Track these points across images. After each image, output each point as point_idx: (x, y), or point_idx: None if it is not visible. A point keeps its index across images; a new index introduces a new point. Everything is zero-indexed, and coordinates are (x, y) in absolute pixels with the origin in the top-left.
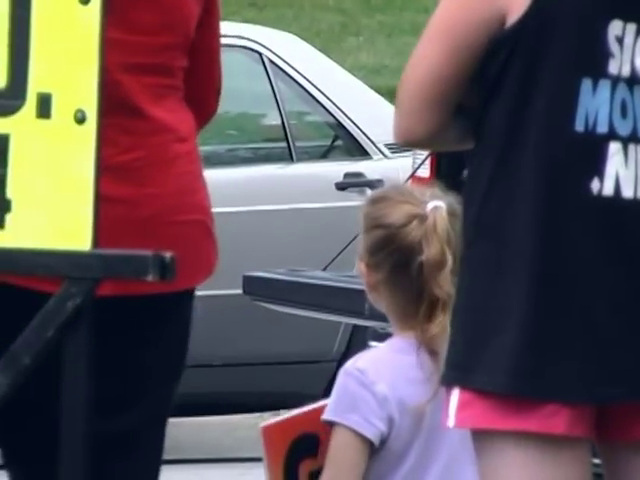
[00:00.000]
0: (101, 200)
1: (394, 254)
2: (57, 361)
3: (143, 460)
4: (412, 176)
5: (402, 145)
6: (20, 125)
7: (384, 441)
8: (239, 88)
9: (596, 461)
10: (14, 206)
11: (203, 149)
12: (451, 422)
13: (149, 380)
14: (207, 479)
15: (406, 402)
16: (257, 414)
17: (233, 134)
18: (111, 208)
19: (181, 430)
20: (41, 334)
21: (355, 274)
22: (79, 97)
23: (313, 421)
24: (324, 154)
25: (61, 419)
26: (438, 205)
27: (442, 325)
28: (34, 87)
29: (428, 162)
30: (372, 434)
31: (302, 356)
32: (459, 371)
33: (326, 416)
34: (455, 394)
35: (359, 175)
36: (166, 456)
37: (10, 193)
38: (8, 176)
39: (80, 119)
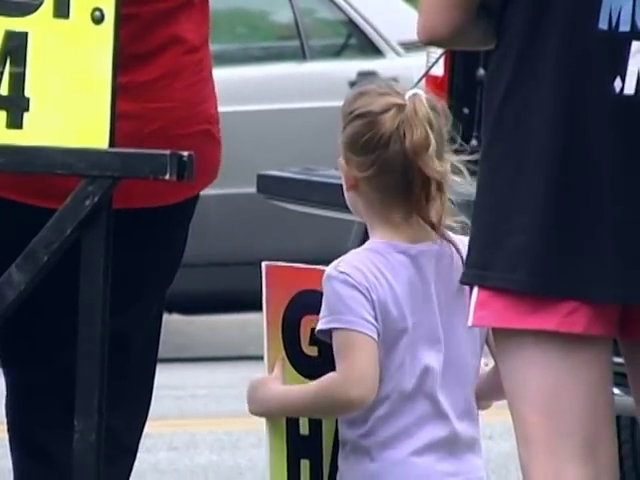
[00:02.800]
0: None
1: (373, 142)
2: (63, 263)
3: (136, 360)
4: (426, 74)
5: (425, 43)
6: (38, 24)
7: (381, 339)
8: None
9: (617, 360)
10: (32, 105)
11: (215, 47)
12: (470, 320)
13: (147, 283)
14: (217, 376)
15: (390, 302)
16: None
17: (245, 32)
18: (120, 124)
19: (194, 328)
20: (59, 232)
21: None
22: None
23: (319, 279)
24: (337, 52)
25: (78, 316)
26: (416, 92)
27: (439, 213)
28: None
29: (442, 60)
30: (370, 331)
31: (316, 254)
32: (477, 269)
33: (321, 326)
34: (474, 293)
35: (373, 74)
36: (179, 354)
37: (28, 92)
38: (27, 75)
39: (98, 18)
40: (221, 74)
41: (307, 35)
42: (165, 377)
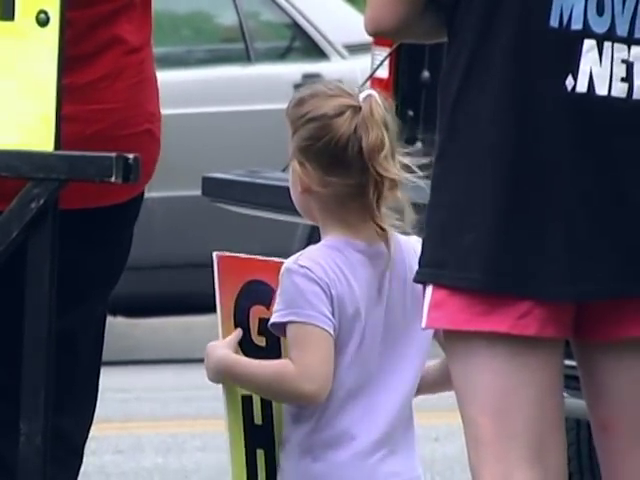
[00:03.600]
0: None
1: (330, 145)
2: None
3: (82, 360)
4: (371, 76)
5: (371, 35)
6: None
7: (336, 336)
8: None
9: (569, 363)
10: None
11: (159, 50)
12: (424, 322)
13: (94, 284)
14: (163, 379)
15: (347, 299)
16: (213, 315)
17: (189, 35)
18: (63, 127)
19: (139, 331)
20: (5, 234)
21: None
22: None
23: (270, 272)
24: (282, 55)
25: (24, 319)
26: (370, 93)
27: (384, 213)
28: None
29: (387, 62)
30: (328, 326)
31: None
32: (431, 268)
33: (277, 319)
34: (428, 293)
35: (317, 76)
36: (124, 356)
37: None
38: None
39: (43, 21)
40: (166, 77)
41: (252, 38)
42: (110, 380)
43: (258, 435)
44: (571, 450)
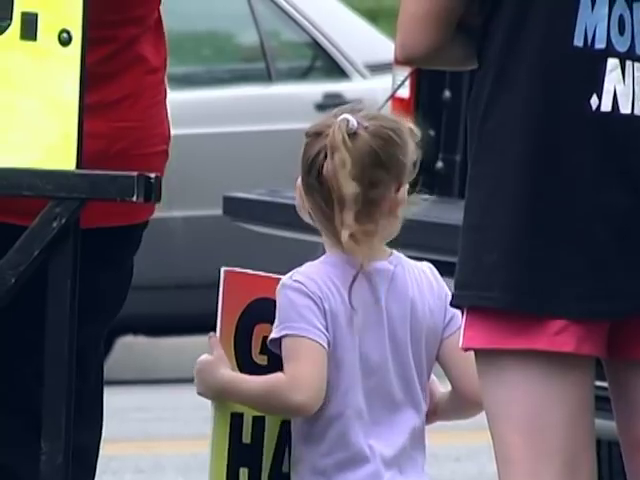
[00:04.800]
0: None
1: (307, 163)
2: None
3: (91, 379)
4: (392, 96)
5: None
6: (6, 46)
7: (331, 350)
8: (216, 7)
9: (599, 384)
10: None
11: (180, 69)
12: (461, 342)
13: (101, 302)
14: (184, 398)
15: (340, 314)
16: None
17: (211, 54)
18: (86, 144)
19: (160, 350)
20: (27, 254)
21: None
22: (64, 16)
23: (276, 288)
24: (303, 74)
25: (46, 338)
26: (343, 117)
27: (360, 231)
28: (19, 6)
29: (408, 82)
30: (320, 339)
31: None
32: (463, 290)
33: (273, 335)
34: (464, 314)
35: (338, 96)
36: (145, 376)
37: None
38: None
39: (65, 40)
40: (187, 96)
41: (273, 57)
42: (131, 399)
43: (244, 454)
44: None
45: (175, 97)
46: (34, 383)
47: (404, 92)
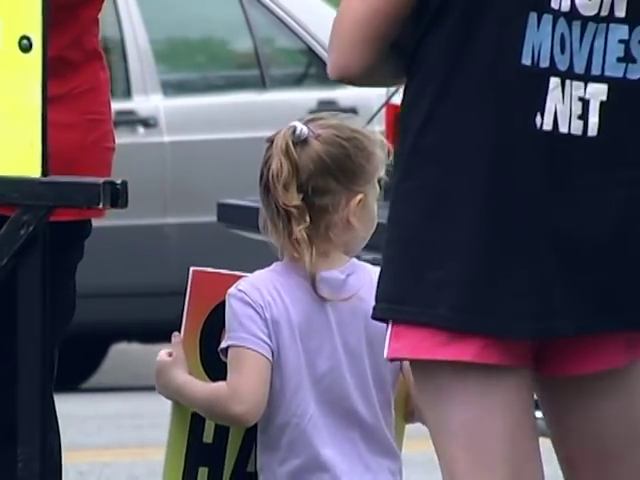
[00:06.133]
0: (54, 126)
1: (261, 173)
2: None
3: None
4: (387, 103)
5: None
6: None
7: (275, 359)
8: (211, 14)
9: None
10: None
11: (174, 76)
12: (385, 353)
13: (63, 303)
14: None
15: (283, 322)
16: None
17: (205, 61)
18: (64, 134)
19: (154, 357)
20: None
21: None
22: (24, 23)
23: None
24: (297, 81)
25: (18, 345)
26: (292, 124)
27: (302, 238)
28: None
29: (402, 89)
30: (261, 348)
31: None
32: (390, 303)
33: (221, 345)
34: (389, 326)
35: (332, 103)
36: (139, 382)
37: None
38: None
39: (26, 47)
40: (181, 103)
41: (267, 64)
42: (125, 406)
43: (204, 453)
44: None
45: (169, 104)
46: (6, 388)
47: (398, 99)
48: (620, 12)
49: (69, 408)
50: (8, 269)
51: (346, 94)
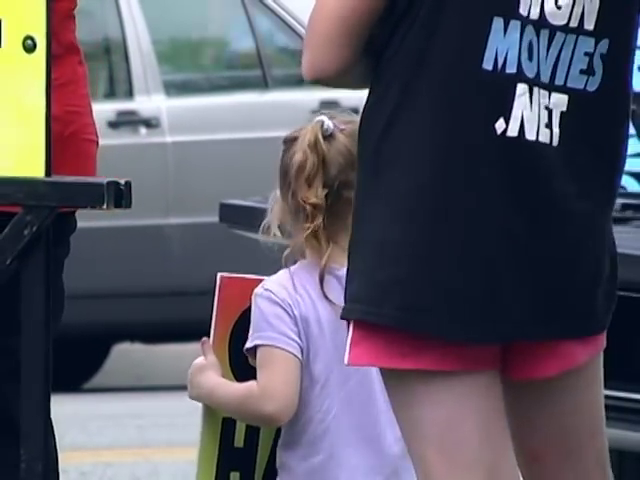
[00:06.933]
0: None
1: (281, 169)
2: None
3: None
4: None
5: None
6: None
7: (305, 356)
8: (213, 15)
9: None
10: None
11: (176, 77)
12: (346, 358)
13: (54, 301)
14: (180, 406)
15: (312, 319)
16: None
17: (207, 61)
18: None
19: (157, 357)
20: None
21: None
22: (28, 23)
23: None
24: (299, 81)
25: (21, 345)
26: (319, 119)
27: (313, 233)
28: None
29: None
30: (291, 347)
31: None
32: (353, 304)
33: (247, 344)
34: (350, 329)
35: (335, 103)
36: (141, 383)
37: None
38: None
39: (30, 47)
40: (183, 103)
41: (269, 64)
42: (127, 406)
43: (236, 457)
44: None
45: (171, 104)
46: (2, 384)
47: None
48: (589, 25)
49: (71, 408)
50: (12, 269)
51: (348, 94)
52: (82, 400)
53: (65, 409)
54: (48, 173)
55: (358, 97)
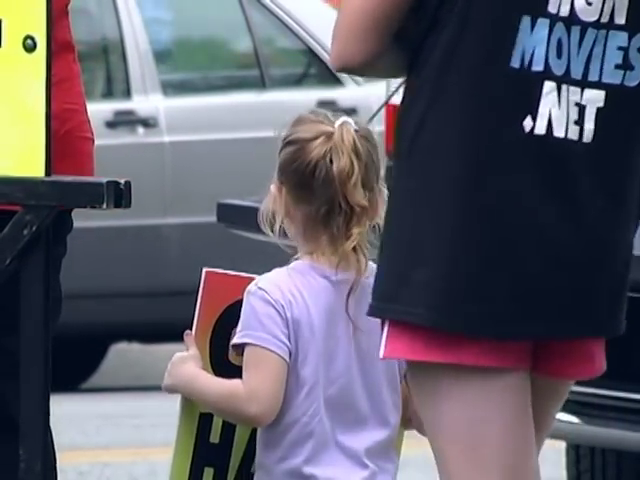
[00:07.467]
0: None
1: (299, 169)
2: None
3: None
4: (386, 103)
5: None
6: None
7: (293, 359)
8: (210, 15)
9: (577, 389)
10: None
11: (174, 76)
12: (381, 352)
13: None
14: (177, 406)
15: (304, 323)
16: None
17: (205, 61)
18: None
19: (154, 357)
20: None
21: None
22: (28, 22)
23: None
24: (297, 81)
25: (20, 345)
26: (345, 121)
27: (356, 241)
28: None
29: (402, 89)
30: (280, 350)
31: None
32: (383, 302)
33: (235, 340)
34: (386, 325)
35: (332, 103)
36: (139, 383)
37: None
38: None
39: (30, 47)
40: (181, 103)
41: (266, 64)
42: (125, 406)
43: (210, 453)
44: (585, 477)
45: (169, 104)
46: (4, 385)
47: (398, 99)
48: (620, 19)
49: (69, 408)
50: (11, 269)
51: (346, 94)
52: (80, 400)
53: (63, 409)
54: (48, 173)
55: (355, 96)
